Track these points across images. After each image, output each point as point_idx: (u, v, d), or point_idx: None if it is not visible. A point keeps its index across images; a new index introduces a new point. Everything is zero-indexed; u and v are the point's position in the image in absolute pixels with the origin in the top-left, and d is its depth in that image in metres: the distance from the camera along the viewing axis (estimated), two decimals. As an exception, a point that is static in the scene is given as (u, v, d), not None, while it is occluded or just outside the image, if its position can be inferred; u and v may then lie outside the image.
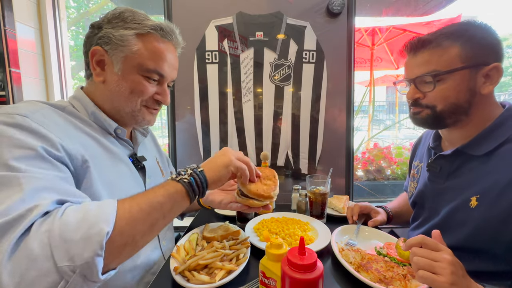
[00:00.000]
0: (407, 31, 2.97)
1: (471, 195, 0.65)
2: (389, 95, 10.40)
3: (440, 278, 0.49)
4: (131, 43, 0.59)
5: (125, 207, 0.44)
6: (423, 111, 0.71)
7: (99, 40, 0.60)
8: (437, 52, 0.65)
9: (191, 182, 0.53)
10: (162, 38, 0.63)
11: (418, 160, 0.89)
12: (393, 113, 8.51)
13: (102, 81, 0.62)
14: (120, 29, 0.59)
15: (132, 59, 0.60)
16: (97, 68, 0.61)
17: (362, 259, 0.68)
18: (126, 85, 0.61)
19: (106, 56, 0.60)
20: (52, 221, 0.38)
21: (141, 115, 0.66)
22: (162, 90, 0.67)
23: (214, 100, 1.38)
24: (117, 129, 0.66)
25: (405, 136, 5.44)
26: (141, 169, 0.72)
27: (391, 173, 2.34)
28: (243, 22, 1.32)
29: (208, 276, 0.61)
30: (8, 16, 1.22)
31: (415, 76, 0.69)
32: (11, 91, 1.26)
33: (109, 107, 0.64)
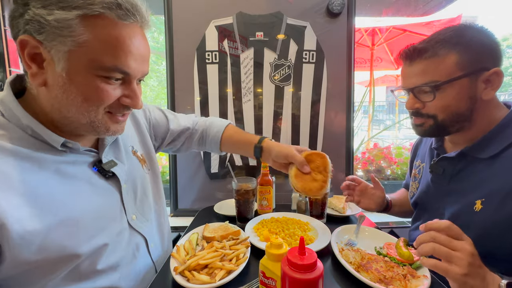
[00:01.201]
0: (407, 31, 2.97)
1: (475, 198, 0.64)
2: (389, 95, 10.40)
3: (455, 269, 0.47)
4: (75, 32, 0.41)
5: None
6: (425, 122, 0.69)
7: (26, 26, 0.41)
8: (434, 62, 0.63)
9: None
10: (121, 21, 0.44)
11: (420, 160, 0.88)
12: (393, 113, 8.52)
13: (42, 84, 0.45)
14: (55, 9, 0.40)
15: (80, 54, 0.42)
16: (32, 66, 0.43)
17: (362, 259, 0.68)
18: (76, 91, 0.44)
19: (42, 48, 0.42)
20: None
21: (103, 126, 0.50)
22: (129, 91, 0.50)
23: (214, 100, 1.38)
24: (67, 143, 0.50)
25: (405, 136, 5.45)
26: (112, 176, 0.60)
27: (391, 173, 2.34)
28: (243, 22, 1.32)
29: (208, 276, 0.61)
30: (8, 16, 1.22)
31: (412, 86, 0.67)
32: (11, 91, 1.26)
33: (57, 116, 0.48)
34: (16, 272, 0.45)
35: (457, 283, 0.48)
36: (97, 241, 0.54)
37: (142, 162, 0.74)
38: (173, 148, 0.94)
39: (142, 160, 0.74)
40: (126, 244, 0.61)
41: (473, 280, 0.47)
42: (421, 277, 0.62)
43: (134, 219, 0.65)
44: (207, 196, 1.41)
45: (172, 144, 0.91)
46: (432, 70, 0.64)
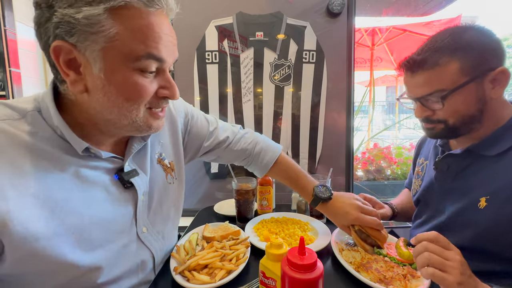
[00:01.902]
0: (407, 31, 2.97)
1: (480, 195, 0.64)
2: (389, 95, 10.39)
3: (449, 277, 0.49)
4: (105, 26, 0.39)
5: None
6: (436, 126, 0.69)
7: (57, 30, 0.39)
8: (436, 72, 0.62)
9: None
10: (148, 8, 0.42)
11: (423, 158, 0.88)
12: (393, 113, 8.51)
13: (83, 91, 0.44)
14: (82, 6, 0.38)
15: (114, 50, 0.41)
16: (70, 73, 0.42)
17: (362, 259, 0.68)
18: (116, 91, 0.44)
19: (76, 52, 0.41)
20: None
21: (145, 124, 0.50)
22: (165, 81, 0.49)
23: (214, 100, 1.38)
24: (90, 149, 0.49)
25: (405, 136, 5.44)
26: (132, 186, 0.57)
27: (391, 173, 2.34)
28: (243, 22, 1.32)
29: (208, 276, 0.61)
30: (8, 16, 1.22)
31: (419, 95, 0.66)
32: (11, 91, 1.26)
33: (100, 119, 0.48)
34: (16, 272, 0.45)
35: None
36: (101, 253, 0.51)
37: (168, 171, 0.69)
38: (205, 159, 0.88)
39: (169, 169, 0.69)
40: (132, 256, 0.58)
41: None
42: (421, 277, 0.62)
43: (145, 232, 0.61)
44: (207, 196, 1.41)
45: (204, 157, 0.85)
46: (436, 80, 0.62)
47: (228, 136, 0.82)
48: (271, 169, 0.86)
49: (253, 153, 0.85)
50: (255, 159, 0.85)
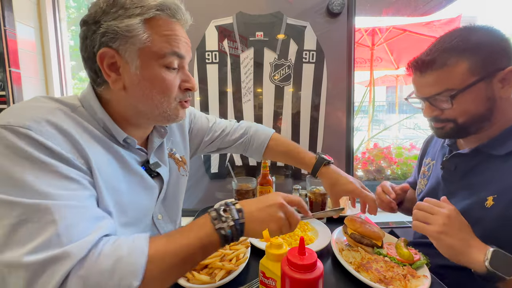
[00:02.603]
0: (407, 31, 2.97)
1: (487, 194, 0.64)
2: (389, 95, 10.40)
3: (429, 228, 0.57)
4: (140, 32, 0.50)
5: (157, 258, 0.43)
6: (446, 126, 0.69)
7: (102, 38, 0.50)
8: (445, 72, 0.62)
9: (227, 235, 0.48)
10: (171, 19, 0.55)
11: (430, 158, 0.88)
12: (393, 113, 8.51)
13: (122, 88, 0.53)
14: (123, 18, 0.49)
15: (147, 50, 0.52)
16: (112, 74, 0.52)
17: (362, 259, 0.68)
18: (150, 85, 0.54)
19: (118, 56, 0.51)
20: (89, 267, 0.38)
21: (174, 113, 0.59)
22: (185, 75, 0.59)
23: (214, 100, 1.38)
24: (127, 139, 0.58)
25: (405, 136, 5.44)
26: (157, 176, 0.66)
27: (391, 173, 2.34)
28: (243, 22, 1.32)
29: (208, 276, 0.61)
30: (8, 16, 1.22)
31: (428, 95, 0.67)
32: (11, 91, 1.26)
33: (133, 112, 0.57)
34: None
35: (434, 239, 0.58)
36: (130, 232, 0.55)
37: (180, 164, 0.76)
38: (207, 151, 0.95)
39: (181, 162, 0.76)
40: None
41: (449, 238, 0.56)
42: (421, 277, 0.62)
43: (160, 219, 0.66)
44: (207, 196, 1.41)
45: (206, 149, 0.92)
46: (445, 80, 0.63)
47: (225, 127, 0.90)
48: (267, 148, 0.90)
49: (249, 135, 0.91)
50: (251, 141, 0.91)
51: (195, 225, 0.49)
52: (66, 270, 0.37)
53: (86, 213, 0.43)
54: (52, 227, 0.38)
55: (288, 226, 0.55)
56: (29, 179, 0.39)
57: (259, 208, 0.53)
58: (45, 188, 0.40)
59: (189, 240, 0.46)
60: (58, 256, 0.37)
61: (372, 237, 0.73)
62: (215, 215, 0.49)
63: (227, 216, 0.49)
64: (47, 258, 0.36)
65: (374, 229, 0.75)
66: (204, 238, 0.47)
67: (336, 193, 0.80)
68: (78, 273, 0.37)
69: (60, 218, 0.39)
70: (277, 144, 0.90)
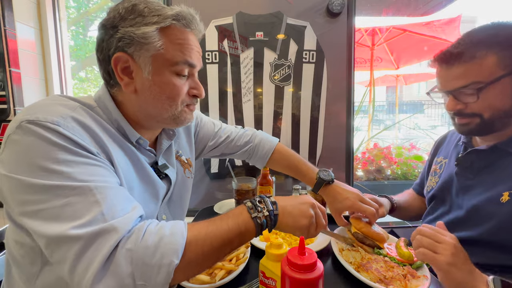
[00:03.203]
0: (407, 31, 2.97)
1: (503, 190, 0.64)
2: (389, 95, 10.40)
3: (440, 257, 0.52)
4: (155, 39, 0.53)
5: (195, 241, 0.45)
6: (471, 121, 0.68)
7: (119, 43, 0.52)
8: (473, 64, 0.62)
9: (263, 224, 0.50)
10: (186, 28, 0.56)
11: (442, 157, 0.88)
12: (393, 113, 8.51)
13: (134, 91, 0.56)
14: (140, 26, 0.52)
15: (160, 57, 0.54)
16: (125, 78, 0.54)
17: (362, 259, 0.68)
18: (160, 90, 0.56)
19: (131, 61, 0.53)
20: (135, 242, 0.41)
21: (182, 117, 0.61)
22: (195, 83, 0.62)
23: (214, 100, 1.38)
24: (140, 140, 0.60)
25: (405, 136, 5.44)
26: (165, 178, 0.68)
27: (391, 173, 2.34)
28: (243, 22, 1.32)
29: (208, 276, 0.61)
30: (8, 16, 1.22)
31: (453, 88, 0.66)
32: (11, 91, 1.26)
33: (144, 115, 0.59)
34: None
35: (442, 271, 0.53)
36: None
37: (186, 166, 0.78)
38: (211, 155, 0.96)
39: (186, 164, 0.78)
40: None
41: (457, 271, 0.52)
42: (421, 277, 0.62)
43: (164, 219, 0.67)
44: (207, 196, 1.41)
45: (209, 154, 0.93)
46: (473, 73, 0.62)
47: (230, 134, 0.91)
48: (271, 159, 0.91)
49: (253, 145, 0.91)
50: (256, 150, 0.91)
51: (231, 213, 0.51)
52: (114, 242, 0.39)
53: (122, 194, 0.47)
54: (96, 206, 0.41)
55: (315, 228, 0.58)
56: (64, 167, 0.42)
57: (292, 204, 0.57)
58: (81, 174, 0.43)
59: (228, 225, 0.48)
60: (106, 229, 0.40)
61: (375, 239, 0.73)
62: (250, 205, 0.52)
63: (262, 207, 0.52)
64: (95, 231, 0.39)
65: (378, 230, 0.75)
66: (242, 225, 0.49)
67: (335, 210, 0.80)
68: (126, 246, 0.40)
69: (102, 198, 0.42)
70: (280, 157, 0.91)
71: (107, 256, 0.39)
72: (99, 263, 0.38)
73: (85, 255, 0.38)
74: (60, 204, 0.40)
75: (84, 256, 0.38)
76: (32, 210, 0.40)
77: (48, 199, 0.40)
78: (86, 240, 0.39)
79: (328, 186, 0.81)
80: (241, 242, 0.50)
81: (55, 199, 0.40)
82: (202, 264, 0.46)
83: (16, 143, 0.43)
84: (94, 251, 0.39)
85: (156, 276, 0.40)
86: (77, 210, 0.40)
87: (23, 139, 0.42)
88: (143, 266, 0.40)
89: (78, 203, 0.41)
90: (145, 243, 0.41)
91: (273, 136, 0.94)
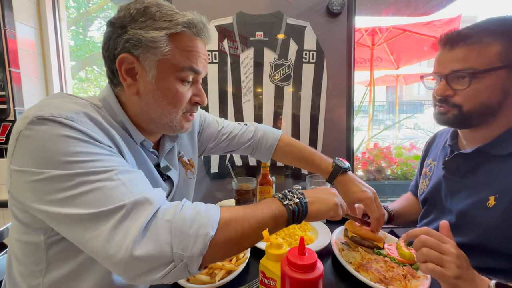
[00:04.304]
0: (407, 31, 2.97)
1: (489, 194, 0.64)
2: (389, 95, 10.39)
3: (447, 272, 0.50)
4: (163, 44, 0.52)
5: (237, 219, 0.47)
6: (449, 111, 0.68)
7: (126, 44, 0.51)
8: (477, 49, 0.62)
9: (294, 211, 0.53)
10: (195, 36, 0.56)
11: (432, 159, 0.88)
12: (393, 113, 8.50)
13: (136, 93, 0.55)
14: (150, 29, 0.51)
15: (166, 62, 0.54)
16: (128, 79, 0.54)
17: (362, 259, 0.68)
18: (163, 95, 0.55)
19: (137, 63, 0.53)
20: (173, 214, 0.43)
21: (179, 124, 0.61)
22: (198, 90, 0.61)
23: (214, 100, 1.38)
24: (144, 142, 0.61)
25: (405, 136, 5.44)
26: (167, 179, 0.68)
27: (391, 173, 2.34)
28: (243, 22, 1.32)
29: (208, 276, 0.61)
30: (8, 16, 1.22)
31: (449, 71, 0.66)
32: (11, 91, 1.26)
33: (144, 118, 0.59)
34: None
35: (450, 286, 0.50)
36: None
37: (188, 167, 0.78)
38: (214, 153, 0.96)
39: (188, 165, 0.78)
40: None
41: (463, 283, 0.49)
42: (421, 277, 0.62)
43: None
44: (207, 196, 1.41)
45: (212, 151, 0.93)
46: (473, 57, 0.63)
47: (233, 130, 0.91)
48: (277, 151, 0.90)
49: (256, 139, 0.91)
50: (259, 145, 0.91)
51: (262, 202, 0.53)
52: (150, 212, 0.41)
53: (143, 177, 0.48)
54: (123, 187, 0.43)
55: (339, 210, 0.61)
56: (84, 157, 0.43)
57: (315, 191, 0.62)
58: (100, 162, 0.44)
59: (262, 210, 0.51)
60: (140, 200, 0.42)
61: (373, 239, 0.73)
62: (281, 195, 0.55)
63: (292, 195, 0.55)
64: (130, 202, 0.41)
65: (376, 231, 0.74)
66: (275, 211, 0.51)
67: (349, 200, 0.78)
68: (165, 218, 0.42)
69: (127, 180, 0.44)
70: (288, 149, 0.89)
71: (145, 224, 0.40)
72: (137, 230, 0.39)
73: (123, 225, 0.40)
74: (88, 189, 0.41)
75: (121, 226, 0.40)
76: (60, 197, 0.41)
77: (75, 186, 0.41)
78: (122, 212, 0.40)
79: (344, 177, 0.79)
80: (275, 227, 0.51)
81: (81, 185, 0.41)
82: (239, 243, 0.48)
83: (30, 138, 0.43)
84: (131, 220, 0.40)
85: (192, 246, 0.42)
86: (106, 191, 0.41)
87: (37, 134, 0.42)
88: (181, 236, 0.41)
89: (105, 186, 0.42)
90: (183, 215, 0.43)
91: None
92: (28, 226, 0.49)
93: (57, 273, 0.51)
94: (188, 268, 0.42)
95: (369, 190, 0.76)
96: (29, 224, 0.49)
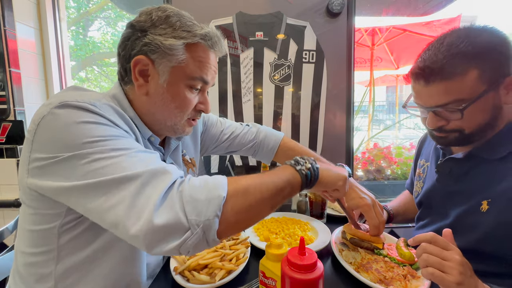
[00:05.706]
0: (407, 31, 2.97)
1: (482, 199, 0.63)
2: (389, 95, 10.39)
3: (448, 278, 0.49)
4: (179, 53, 0.55)
5: (255, 186, 0.48)
6: (450, 135, 0.65)
7: (144, 47, 0.54)
8: (455, 82, 0.58)
9: (307, 175, 0.54)
10: (209, 49, 0.60)
11: (424, 159, 0.87)
12: (393, 113, 8.51)
13: (145, 94, 0.58)
14: (169, 37, 0.54)
15: (179, 69, 0.56)
16: (140, 79, 0.56)
17: (362, 260, 0.68)
18: (171, 99, 0.58)
19: (151, 66, 0.55)
20: (183, 184, 0.45)
21: (181, 128, 0.64)
22: (204, 98, 0.64)
23: (214, 100, 1.38)
24: (151, 137, 0.63)
25: (405, 136, 5.44)
26: None
27: (391, 173, 2.34)
28: (243, 22, 1.32)
29: (208, 276, 0.61)
30: (8, 16, 1.22)
31: (434, 105, 0.62)
32: (11, 91, 1.26)
33: (150, 118, 0.61)
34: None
35: None
36: None
37: (190, 166, 0.79)
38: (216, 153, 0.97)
39: (190, 164, 0.80)
40: None
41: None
42: (421, 278, 0.62)
43: None
44: (207, 196, 1.41)
45: (214, 151, 0.94)
46: (454, 90, 0.58)
47: (235, 130, 0.92)
48: (278, 153, 0.91)
49: (258, 141, 0.92)
50: (261, 147, 0.92)
51: (276, 169, 0.54)
52: (169, 181, 0.43)
53: (160, 158, 0.50)
54: (141, 163, 0.44)
55: (346, 185, 0.64)
56: (107, 138, 0.45)
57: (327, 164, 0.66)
58: (120, 144, 0.46)
59: (277, 176, 0.51)
60: (159, 170, 0.44)
61: (371, 241, 0.73)
62: (293, 162, 0.56)
63: (304, 161, 0.56)
64: (152, 171, 0.43)
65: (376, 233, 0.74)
66: (290, 175, 0.52)
67: (348, 206, 0.78)
68: (178, 189, 0.44)
69: (146, 158, 0.46)
70: (289, 153, 0.90)
71: (164, 192, 0.42)
72: (157, 196, 0.41)
73: (145, 189, 0.42)
74: (109, 163, 0.43)
75: (144, 191, 0.42)
76: (84, 172, 0.43)
77: (96, 160, 0.43)
78: (144, 178, 0.42)
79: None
80: (291, 192, 0.52)
81: (103, 160, 0.43)
82: (260, 210, 0.48)
83: (55, 121, 0.45)
84: (153, 187, 0.42)
85: (206, 210, 0.42)
86: (126, 163, 0.43)
87: (61, 118, 0.45)
88: (194, 202, 0.42)
89: (125, 160, 0.44)
90: (191, 183, 0.45)
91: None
92: (43, 214, 0.51)
93: (69, 261, 0.53)
94: (206, 234, 0.42)
95: (368, 197, 0.75)
96: (45, 211, 0.51)
